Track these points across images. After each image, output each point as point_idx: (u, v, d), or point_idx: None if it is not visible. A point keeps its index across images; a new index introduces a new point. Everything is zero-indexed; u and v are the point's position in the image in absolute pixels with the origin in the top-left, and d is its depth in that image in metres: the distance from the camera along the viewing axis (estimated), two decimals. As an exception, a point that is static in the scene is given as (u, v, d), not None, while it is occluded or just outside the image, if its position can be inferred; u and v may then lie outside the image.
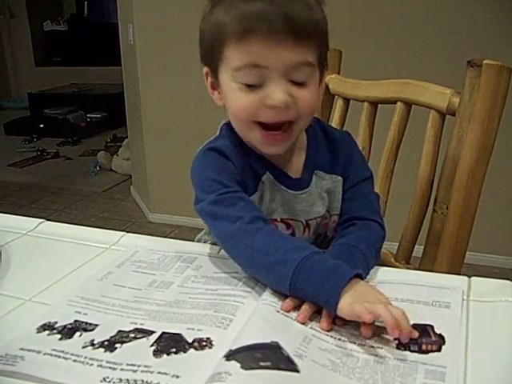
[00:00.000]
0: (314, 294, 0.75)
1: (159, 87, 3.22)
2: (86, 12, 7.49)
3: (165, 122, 3.28)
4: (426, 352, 0.67)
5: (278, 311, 0.76)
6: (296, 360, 0.64)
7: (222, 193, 0.89)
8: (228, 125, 1.01)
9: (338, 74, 1.45)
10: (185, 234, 3.22)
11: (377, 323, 0.71)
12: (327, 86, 1.43)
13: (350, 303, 0.71)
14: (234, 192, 0.90)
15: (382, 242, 0.99)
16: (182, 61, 3.09)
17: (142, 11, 3.12)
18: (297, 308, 0.77)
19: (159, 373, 0.62)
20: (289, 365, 0.62)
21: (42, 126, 5.83)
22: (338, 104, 1.43)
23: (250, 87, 0.88)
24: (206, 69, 0.97)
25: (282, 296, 0.79)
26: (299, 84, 0.89)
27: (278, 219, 0.99)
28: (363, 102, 1.34)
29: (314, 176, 1.01)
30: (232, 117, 0.95)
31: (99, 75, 6.80)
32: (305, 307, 0.76)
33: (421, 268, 1.15)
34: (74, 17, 7.47)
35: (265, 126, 0.91)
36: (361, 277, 0.77)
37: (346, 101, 1.41)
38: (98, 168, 4.58)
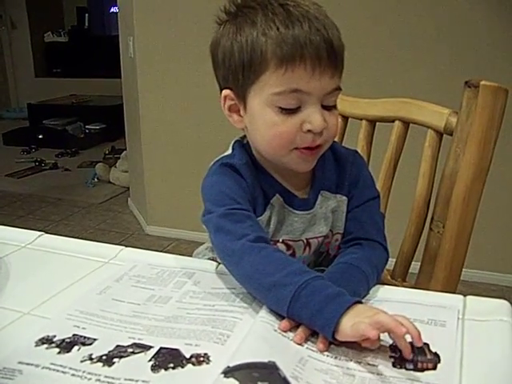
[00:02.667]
0: (310, 319, 0.75)
1: (158, 100, 3.23)
2: (86, 24, 7.53)
3: (163, 135, 3.29)
4: (422, 370, 0.68)
5: (276, 330, 0.76)
6: (292, 382, 0.64)
7: (232, 208, 0.89)
8: (240, 143, 1.01)
9: (337, 91, 1.46)
10: (182, 247, 3.22)
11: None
12: (326, 104, 1.44)
13: (351, 325, 0.71)
14: (244, 210, 0.90)
15: (385, 264, 0.99)
16: (181, 74, 3.11)
17: (143, 25, 3.14)
18: (294, 328, 0.77)
19: None
20: None
21: (40, 136, 5.84)
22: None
23: (287, 111, 0.88)
24: (226, 91, 0.95)
25: (280, 315, 0.79)
26: (328, 108, 0.91)
27: (280, 240, 1.00)
28: (361, 120, 1.35)
29: (319, 196, 1.01)
30: (264, 141, 0.94)
31: (99, 87, 6.83)
32: (302, 328, 0.76)
33: (417, 285, 1.16)
34: (74, 28, 7.53)
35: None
36: (360, 303, 0.77)
37: (345, 119, 1.42)
38: (95, 180, 4.58)
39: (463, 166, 1.06)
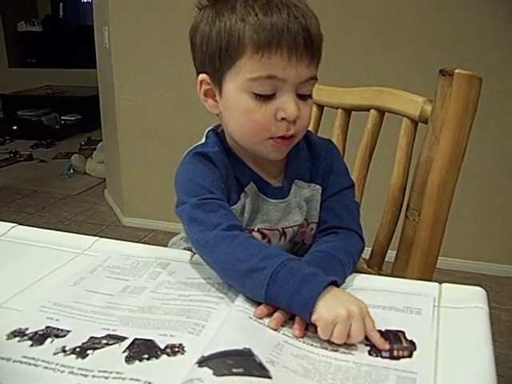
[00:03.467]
0: (288, 301, 0.75)
1: (134, 90, 3.20)
2: (61, 14, 7.43)
3: (139, 126, 3.26)
4: (398, 358, 0.68)
5: (251, 318, 0.76)
6: (268, 366, 0.64)
7: (204, 198, 0.89)
8: (214, 131, 1.01)
9: (313, 80, 1.45)
10: (159, 237, 3.21)
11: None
12: (302, 93, 1.44)
13: (328, 309, 0.72)
14: (217, 199, 0.90)
15: (361, 253, 1.00)
16: (157, 64, 3.08)
17: (118, 14, 3.11)
18: (270, 315, 0.77)
19: (131, 379, 0.62)
20: (261, 371, 0.63)
21: (15, 127, 5.78)
22: (312, 111, 1.43)
23: (261, 97, 0.88)
24: (203, 76, 0.94)
25: (255, 302, 0.79)
26: (303, 98, 0.91)
27: (255, 229, 1.00)
28: (337, 108, 1.36)
29: (293, 185, 1.01)
30: (238, 126, 0.94)
31: (74, 77, 6.76)
32: (277, 314, 0.76)
33: (393, 274, 1.17)
34: (48, 18, 7.41)
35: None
36: (336, 284, 0.77)
37: (320, 107, 1.42)
38: (71, 171, 4.54)
39: (438, 154, 1.07)
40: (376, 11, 2.62)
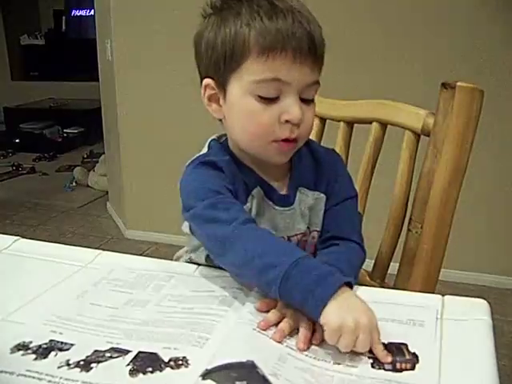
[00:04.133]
0: (302, 300, 0.75)
1: (136, 103, 3.21)
2: (63, 27, 7.47)
3: (142, 139, 3.27)
4: (400, 370, 0.68)
5: (255, 329, 0.76)
6: (271, 379, 0.64)
7: (216, 198, 0.89)
8: (217, 141, 1.01)
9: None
10: (162, 250, 3.20)
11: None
12: (304, 106, 1.44)
13: (337, 314, 0.72)
14: (229, 197, 0.90)
15: (362, 264, 1.00)
16: (159, 77, 3.09)
17: (121, 27, 3.13)
18: (273, 326, 0.77)
19: None
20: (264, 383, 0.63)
21: (17, 140, 5.79)
22: (315, 123, 1.44)
23: (266, 100, 0.89)
24: (207, 80, 0.95)
25: (259, 314, 0.79)
26: (307, 102, 0.92)
27: None
28: (339, 121, 1.36)
29: (298, 193, 1.02)
30: (241, 130, 0.94)
31: (76, 90, 6.77)
32: (282, 325, 0.76)
33: (396, 286, 1.16)
34: (51, 31, 7.45)
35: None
36: (350, 285, 0.77)
37: (323, 120, 1.42)
38: (74, 184, 4.55)
39: (440, 167, 1.07)
40: (378, 24, 2.63)
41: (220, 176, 0.94)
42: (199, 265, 1.00)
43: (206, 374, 0.64)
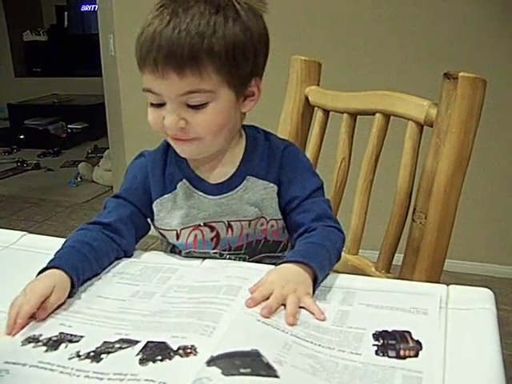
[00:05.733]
0: None
1: (140, 98, 3.17)
2: (66, 23, 7.47)
3: (146, 133, 3.24)
4: (404, 357, 0.69)
5: (259, 320, 0.77)
6: (276, 366, 0.65)
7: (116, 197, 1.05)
8: None
9: (318, 85, 1.46)
10: (167, 244, 3.19)
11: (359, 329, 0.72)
12: (307, 98, 1.45)
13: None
14: (123, 199, 1.04)
15: (343, 243, 1.02)
16: (163, 72, 3.09)
17: (123, 22, 3.13)
18: (275, 314, 0.78)
19: (146, 380, 0.63)
20: (268, 371, 0.64)
21: (22, 136, 5.79)
22: (318, 115, 1.44)
23: (155, 105, 0.95)
24: None
25: (264, 303, 0.80)
26: (196, 107, 0.92)
27: (202, 224, 1.03)
28: (343, 113, 1.36)
29: (244, 181, 1.02)
30: None
31: (80, 86, 6.78)
32: (269, 302, 0.80)
33: (400, 277, 1.17)
34: (54, 27, 7.45)
35: None
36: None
37: (326, 112, 1.43)
38: (79, 179, 4.56)
39: (444, 157, 1.07)
40: (381, 15, 2.63)
41: (141, 167, 1.06)
42: (204, 258, 1.02)
43: (210, 361, 0.65)
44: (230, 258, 1.04)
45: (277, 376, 0.63)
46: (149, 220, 1.07)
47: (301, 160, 1.07)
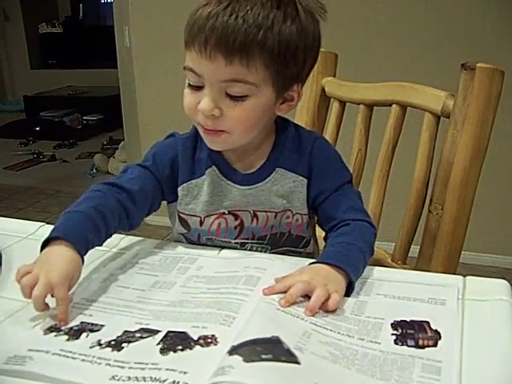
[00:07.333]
0: None
1: (155, 89, 3.22)
2: (81, 14, 7.50)
3: (161, 124, 3.27)
4: (423, 347, 0.70)
5: (278, 309, 0.78)
6: (296, 353, 0.66)
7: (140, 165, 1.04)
8: None
9: (334, 76, 1.46)
10: (182, 235, 3.20)
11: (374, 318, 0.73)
12: (323, 89, 1.45)
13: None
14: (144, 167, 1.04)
15: (375, 238, 1.01)
16: (178, 63, 3.08)
17: (139, 13, 3.13)
18: (296, 304, 0.79)
19: (167, 369, 0.64)
20: (289, 357, 0.65)
21: (37, 128, 5.81)
22: (334, 106, 1.44)
23: (192, 86, 0.93)
24: None
25: (282, 295, 0.81)
26: (235, 98, 0.90)
27: (226, 212, 1.02)
28: (359, 104, 1.36)
29: (274, 173, 1.02)
30: None
31: (95, 78, 6.79)
32: (289, 292, 0.80)
33: (417, 268, 1.17)
34: (69, 19, 7.48)
35: None
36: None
37: (342, 103, 1.43)
38: (94, 170, 4.58)
39: (460, 148, 1.07)
40: (398, 6, 2.62)
41: (172, 146, 1.07)
42: (222, 247, 1.03)
43: (232, 350, 0.65)
44: (251, 248, 1.04)
45: (298, 362, 0.64)
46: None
47: (331, 153, 1.07)
